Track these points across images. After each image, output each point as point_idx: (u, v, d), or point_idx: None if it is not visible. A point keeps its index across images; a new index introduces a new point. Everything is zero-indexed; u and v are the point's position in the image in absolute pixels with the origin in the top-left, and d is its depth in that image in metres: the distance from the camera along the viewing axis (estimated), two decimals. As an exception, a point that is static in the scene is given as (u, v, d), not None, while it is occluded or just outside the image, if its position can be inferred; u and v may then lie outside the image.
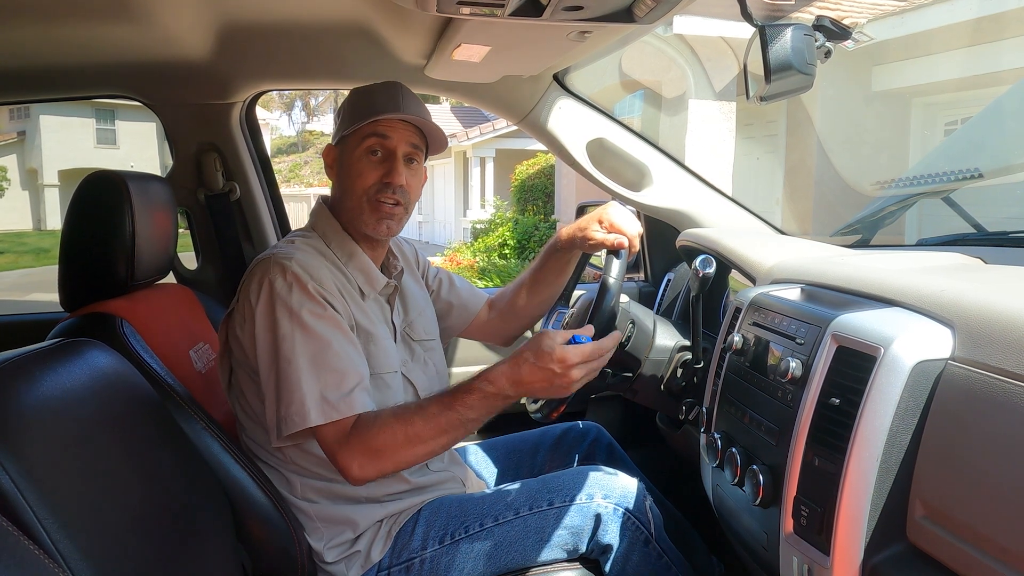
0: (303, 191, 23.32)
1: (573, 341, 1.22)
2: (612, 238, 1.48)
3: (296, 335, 1.28)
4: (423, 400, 1.28)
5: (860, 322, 0.94)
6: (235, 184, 2.02)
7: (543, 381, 1.20)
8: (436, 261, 12.02)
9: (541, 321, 1.83)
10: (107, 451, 1.06)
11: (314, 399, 1.25)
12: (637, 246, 1.50)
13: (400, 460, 1.25)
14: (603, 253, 1.52)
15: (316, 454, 1.35)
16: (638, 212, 2.16)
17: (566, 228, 1.61)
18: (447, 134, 1.58)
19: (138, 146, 23.79)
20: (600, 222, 1.52)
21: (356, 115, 1.41)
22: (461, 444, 1.79)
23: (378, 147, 1.39)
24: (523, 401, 2.17)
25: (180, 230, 1.70)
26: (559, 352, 1.18)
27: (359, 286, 1.43)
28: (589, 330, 1.27)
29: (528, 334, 2.24)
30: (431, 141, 1.48)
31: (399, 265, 1.55)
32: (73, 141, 23.27)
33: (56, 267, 1.44)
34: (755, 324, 1.20)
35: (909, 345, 0.85)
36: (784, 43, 1.17)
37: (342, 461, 1.24)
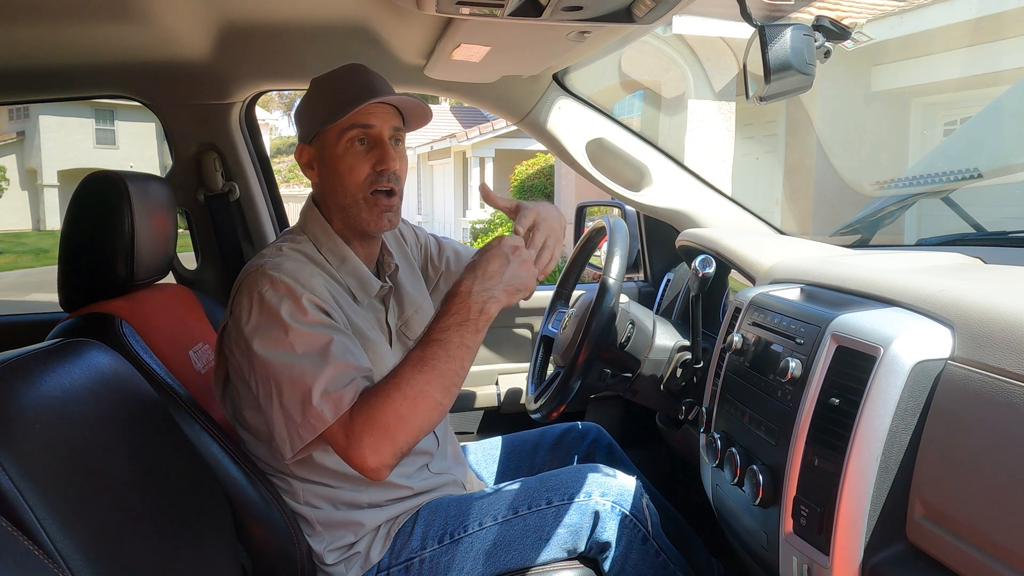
0: (303, 191, 23.28)
1: None
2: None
3: (295, 343, 1.21)
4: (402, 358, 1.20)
5: (860, 322, 0.94)
6: (235, 184, 2.02)
7: (500, 268, 1.20)
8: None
9: (542, 321, 1.83)
10: (107, 451, 1.06)
11: (320, 395, 1.17)
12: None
13: (410, 426, 1.15)
14: (603, 253, 1.52)
15: (320, 464, 1.35)
16: (638, 214, 2.17)
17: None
18: (447, 134, 1.57)
19: (137, 146, 23.78)
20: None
21: (329, 107, 1.33)
22: (461, 443, 1.79)
23: (363, 136, 1.33)
24: (523, 401, 2.18)
25: (180, 230, 1.70)
26: (502, 242, 1.22)
27: (353, 292, 1.39)
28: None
29: (530, 330, 2.24)
30: (409, 118, 1.41)
31: (394, 263, 1.51)
32: (72, 141, 23.27)
33: (55, 267, 1.44)
34: (755, 324, 1.20)
35: (909, 345, 0.85)
36: (784, 43, 1.17)
37: (355, 454, 1.15)
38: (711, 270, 1.44)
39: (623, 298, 1.52)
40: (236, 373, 1.32)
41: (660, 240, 2.23)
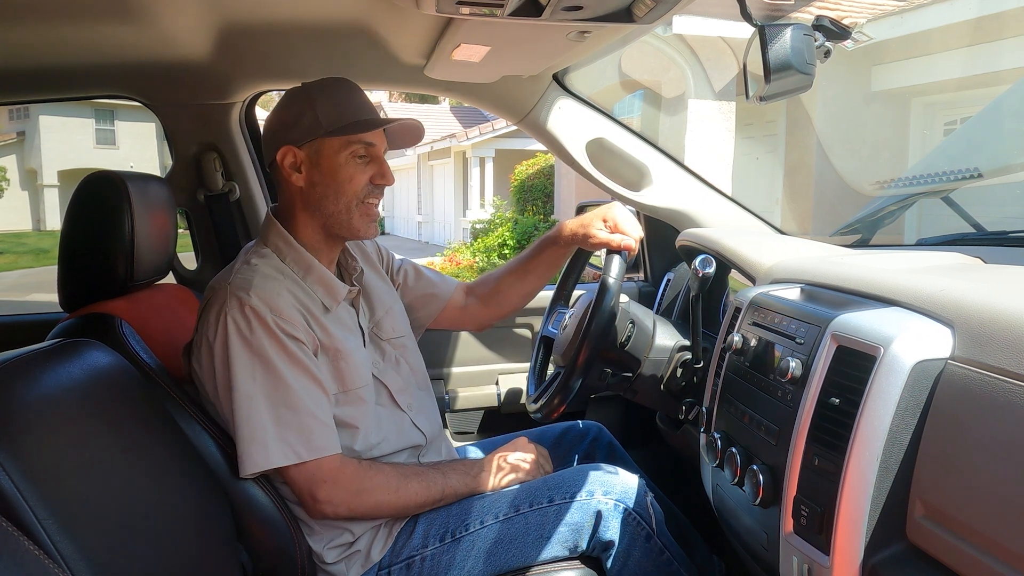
0: (303, 191, 23.25)
1: None
2: (616, 239, 1.48)
3: (257, 372, 1.28)
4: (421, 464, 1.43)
5: (860, 322, 0.94)
6: (235, 184, 2.02)
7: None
8: (436, 262, 12.05)
9: (541, 321, 1.83)
10: (106, 451, 1.06)
11: (275, 439, 1.27)
12: (636, 250, 1.50)
13: (380, 503, 1.35)
14: (603, 253, 1.52)
15: None
16: (638, 213, 2.16)
17: (569, 222, 1.60)
18: (447, 134, 1.59)
19: (138, 146, 23.80)
20: (604, 221, 1.52)
21: (336, 120, 1.36)
22: (460, 444, 1.79)
23: (364, 151, 1.39)
24: (523, 401, 2.18)
25: (180, 230, 1.70)
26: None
27: (321, 300, 1.40)
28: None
29: (532, 336, 2.24)
30: (394, 138, 1.51)
31: (358, 266, 1.52)
32: (72, 141, 23.29)
33: (55, 267, 1.44)
34: (755, 324, 1.20)
35: (909, 345, 0.85)
36: (784, 43, 1.17)
37: (323, 494, 1.30)
38: (711, 270, 1.44)
39: (623, 298, 1.52)
40: (201, 387, 1.35)
41: (660, 240, 2.23)
